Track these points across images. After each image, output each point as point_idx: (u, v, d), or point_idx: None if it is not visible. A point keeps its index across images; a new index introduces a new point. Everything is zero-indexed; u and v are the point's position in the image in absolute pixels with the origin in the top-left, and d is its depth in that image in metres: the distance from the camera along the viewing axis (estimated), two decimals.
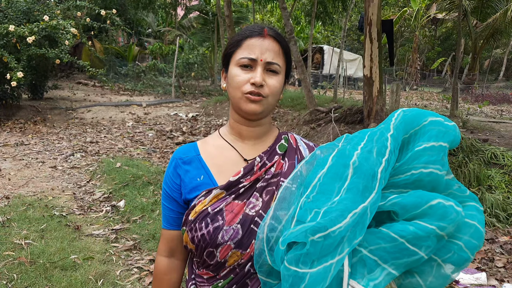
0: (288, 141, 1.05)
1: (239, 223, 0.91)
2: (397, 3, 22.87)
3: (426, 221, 0.76)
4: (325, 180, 0.80)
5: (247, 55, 0.94)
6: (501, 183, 4.38)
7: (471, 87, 19.36)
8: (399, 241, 0.76)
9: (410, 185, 0.82)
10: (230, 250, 0.91)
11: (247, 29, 0.98)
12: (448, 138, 0.84)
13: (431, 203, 0.77)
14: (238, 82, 0.94)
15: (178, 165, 1.02)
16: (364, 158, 0.79)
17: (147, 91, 15.43)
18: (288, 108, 9.58)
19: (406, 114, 0.85)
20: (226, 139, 1.04)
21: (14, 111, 9.41)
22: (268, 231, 0.82)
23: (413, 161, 0.82)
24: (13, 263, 2.97)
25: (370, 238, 0.78)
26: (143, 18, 20.59)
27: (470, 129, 6.54)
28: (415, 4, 20.16)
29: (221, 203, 0.93)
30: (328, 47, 22.23)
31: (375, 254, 0.77)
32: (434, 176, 0.81)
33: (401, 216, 0.79)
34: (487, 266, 3.28)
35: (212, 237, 0.91)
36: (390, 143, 0.81)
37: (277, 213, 0.84)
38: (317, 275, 0.72)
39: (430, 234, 0.75)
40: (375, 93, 5.80)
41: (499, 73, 27.96)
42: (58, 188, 4.93)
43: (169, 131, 8.78)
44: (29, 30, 7.44)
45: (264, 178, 0.97)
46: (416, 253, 0.76)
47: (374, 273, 0.77)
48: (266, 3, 14.48)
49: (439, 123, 0.84)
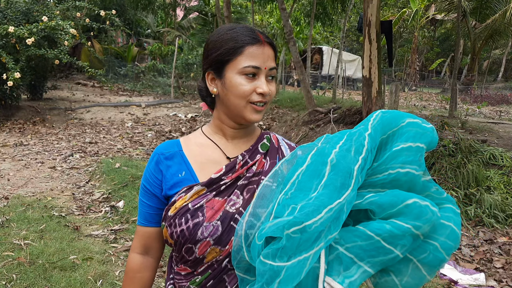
0: (270, 140, 1.07)
1: (219, 220, 0.92)
2: (396, 4, 22.90)
3: (402, 220, 0.77)
4: (303, 178, 0.81)
5: (252, 64, 0.93)
6: (500, 184, 4.39)
7: (470, 88, 19.39)
8: (375, 239, 0.77)
9: (387, 184, 0.83)
10: (209, 247, 0.92)
11: (243, 34, 0.95)
12: (425, 139, 0.85)
13: (407, 202, 0.78)
14: (244, 91, 0.94)
15: (160, 160, 1.01)
16: (341, 156, 0.80)
17: (146, 91, 15.44)
18: (287, 108, 9.60)
19: (384, 115, 0.87)
20: (210, 137, 1.05)
21: (13, 112, 9.41)
22: (247, 228, 0.83)
23: (390, 161, 0.83)
24: (12, 264, 2.97)
25: (346, 236, 0.79)
26: (142, 18, 20.59)
27: (469, 130, 6.55)
28: (414, 5, 20.20)
29: (202, 200, 0.93)
30: (327, 48, 22.25)
31: (351, 252, 0.79)
32: (411, 176, 0.83)
33: (377, 215, 0.80)
34: (485, 267, 3.29)
35: (192, 233, 0.91)
36: (367, 142, 0.82)
37: (256, 210, 0.85)
38: (292, 268, 0.73)
39: (406, 233, 0.76)
40: (374, 94, 5.81)
41: (498, 74, 28.01)
42: (57, 188, 4.93)
43: (168, 132, 8.78)
44: (28, 31, 7.44)
45: (246, 176, 0.98)
46: (392, 252, 0.77)
47: (350, 271, 0.78)
48: (265, 4, 14.49)
49: (416, 125, 0.86)
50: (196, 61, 16.14)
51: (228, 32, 0.97)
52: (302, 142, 6.78)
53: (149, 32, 22.62)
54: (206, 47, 1.00)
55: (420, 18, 20.90)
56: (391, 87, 6.83)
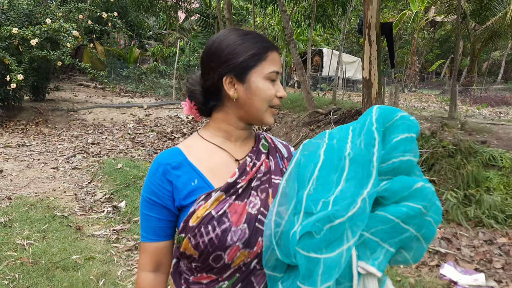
0: (267, 140, 1.10)
1: (245, 223, 0.92)
2: (396, 6, 22.94)
3: (414, 202, 0.87)
4: (322, 173, 0.88)
5: (275, 69, 0.98)
6: (499, 185, 4.40)
7: (470, 89, 19.40)
8: (395, 221, 0.86)
9: (390, 172, 0.92)
10: (238, 251, 0.91)
11: (263, 40, 0.98)
12: (415, 130, 0.95)
13: (416, 186, 0.89)
14: (270, 95, 0.98)
15: (167, 171, 0.96)
16: (357, 150, 0.89)
17: (148, 92, 15.48)
18: (288, 110, 9.62)
19: (381, 110, 0.95)
20: (212, 141, 1.03)
21: (16, 113, 9.45)
22: (275, 227, 0.87)
23: (392, 151, 0.92)
24: (15, 263, 2.99)
25: (369, 222, 0.86)
26: (144, 20, 20.66)
27: (468, 131, 6.57)
28: (414, 7, 20.22)
29: (224, 205, 0.92)
30: (327, 50, 22.29)
31: (376, 236, 0.87)
32: (410, 163, 0.92)
33: (389, 199, 0.89)
34: (485, 267, 3.30)
35: (221, 240, 0.89)
36: (377, 135, 0.91)
37: (278, 209, 0.89)
38: (332, 260, 0.80)
39: (417, 212, 0.87)
40: (373, 95, 5.84)
41: (497, 76, 27.98)
42: (60, 189, 4.96)
43: (170, 133, 8.81)
44: (32, 32, 7.49)
45: (257, 177, 0.99)
46: (408, 230, 0.88)
47: (376, 253, 0.87)
48: (266, 6, 14.53)
49: (406, 118, 0.96)
50: (198, 63, 16.19)
51: (246, 38, 0.97)
52: (302, 143, 6.80)
53: (151, 34, 22.68)
54: (221, 52, 0.96)
55: (420, 20, 20.92)
56: (390, 88, 6.85)
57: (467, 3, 15.60)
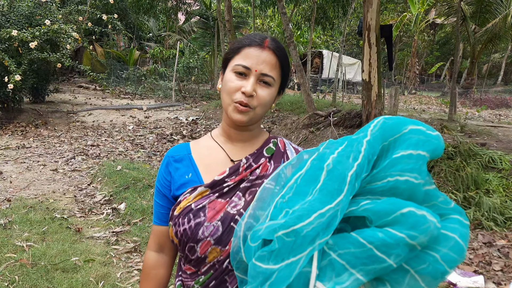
0: (277, 145, 1.09)
1: (219, 220, 0.94)
2: (396, 8, 22.99)
3: (397, 229, 0.76)
4: (301, 182, 0.82)
5: (242, 63, 0.97)
6: (499, 187, 4.41)
7: (470, 91, 19.42)
8: (367, 247, 0.76)
9: (386, 192, 0.81)
10: (209, 246, 0.94)
11: (248, 37, 1.01)
12: (428, 147, 0.82)
13: (402, 211, 0.76)
14: (230, 87, 0.97)
15: (170, 163, 1.07)
16: (337, 161, 0.80)
17: (148, 94, 15.49)
18: (287, 112, 9.63)
19: (386, 122, 0.85)
20: (217, 141, 1.09)
21: (16, 114, 9.45)
22: (246, 229, 0.84)
23: (389, 168, 0.81)
24: (14, 265, 2.99)
25: (340, 242, 0.79)
26: (144, 22, 20.72)
27: (468, 133, 6.58)
28: (414, 9, 20.26)
29: (205, 201, 0.96)
30: (327, 52, 22.31)
31: (343, 258, 0.78)
32: (410, 184, 0.80)
33: (374, 222, 0.79)
34: (484, 270, 3.30)
35: (193, 232, 0.94)
36: (364, 148, 0.81)
37: (256, 212, 0.86)
38: (282, 271, 0.75)
39: (400, 242, 0.75)
40: (373, 97, 5.85)
41: (497, 78, 28.05)
42: (59, 190, 4.96)
43: (169, 135, 8.81)
44: (31, 34, 7.50)
45: (249, 179, 1.00)
46: (385, 261, 0.76)
47: (341, 277, 0.78)
48: (266, 8, 14.57)
49: (419, 132, 0.83)
50: (197, 65, 16.22)
51: (244, 37, 1.03)
52: (302, 145, 6.81)
53: (150, 36, 22.73)
54: None
55: (420, 22, 20.96)
56: (390, 90, 6.87)
57: (467, 5, 15.64)
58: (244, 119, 0.98)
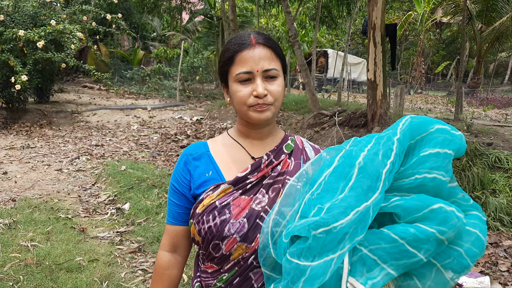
0: (295, 142, 1.10)
1: (245, 217, 0.94)
2: (402, 7, 22.87)
3: (427, 224, 0.78)
4: (330, 179, 0.83)
5: (242, 70, 0.96)
6: (505, 187, 4.36)
7: (476, 90, 19.28)
8: (399, 242, 0.78)
9: (413, 189, 0.84)
10: (235, 243, 0.94)
11: (235, 43, 0.99)
12: (453, 146, 0.85)
13: (432, 207, 0.79)
14: (241, 97, 0.97)
15: (188, 161, 1.06)
16: (369, 159, 0.81)
17: (152, 94, 15.53)
18: (292, 111, 9.60)
19: (413, 121, 0.87)
20: (235, 139, 1.09)
21: (21, 115, 9.51)
22: (273, 226, 0.85)
23: (417, 166, 0.84)
24: (19, 265, 3.00)
25: (371, 238, 0.80)
26: (148, 22, 20.76)
27: (474, 133, 6.52)
28: (420, 8, 20.13)
29: (229, 198, 0.96)
30: (332, 51, 22.26)
31: (375, 254, 0.80)
32: (437, 181, 0.83)
33: (402, 218, 0.81)
34: (490, 270, 3.27)
35: (219, 230, 0.94)
36: (396, 146, 0.83)
37: (282, 208, 0.87)
38: (318, 268, 0.75)
39: (430, 237, 0.77)
40: (379, 97, 5.81)
41: (504, 77, 27.80)
42: (64, 190, 4.97)
43: (173, 135, 8.82)
44: (37, 34, 7.54)
45: (271, 175, 1.01)
46: (415, 255, 0.78)
47: (373, 272, 0.80)
48: (270, 7, 14.54)
49: (445, 131, 0.86)
50: (202, 64, 16.22)
51: (226, 45, 1.02)
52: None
53: (154, 36, 22.78)
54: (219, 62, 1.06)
55: (426, 21, 20.83)
56: (396, 90, 6.82)
57: (473, 4, 15.52)
58: (267, 116, 0.98)
